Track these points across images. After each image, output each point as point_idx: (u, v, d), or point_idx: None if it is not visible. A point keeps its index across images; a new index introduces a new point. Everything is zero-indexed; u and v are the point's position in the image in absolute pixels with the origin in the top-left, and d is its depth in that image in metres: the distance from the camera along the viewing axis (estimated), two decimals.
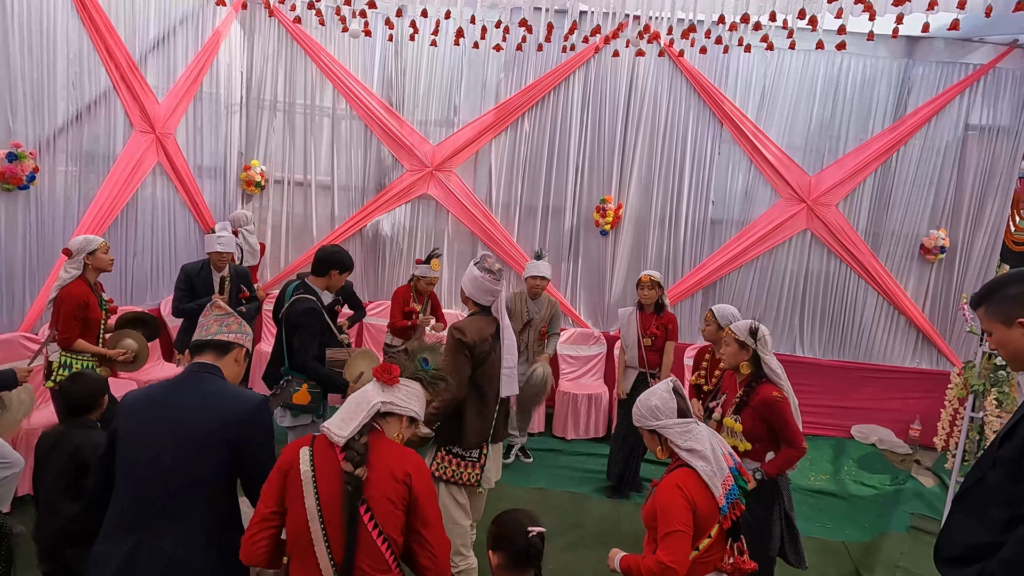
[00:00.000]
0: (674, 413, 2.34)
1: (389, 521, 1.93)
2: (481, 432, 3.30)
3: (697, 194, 6.48)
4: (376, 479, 1.94)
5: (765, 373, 3.20)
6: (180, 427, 2.03)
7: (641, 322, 4.87)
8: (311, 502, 1.91)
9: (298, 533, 1.92)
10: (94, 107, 4.92)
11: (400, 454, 2.04)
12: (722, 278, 6.56)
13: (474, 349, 3.17)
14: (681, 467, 2.31)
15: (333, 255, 3.80)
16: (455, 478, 3.27)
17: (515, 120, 6.44)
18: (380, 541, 1.91)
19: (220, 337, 2.19)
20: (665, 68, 6.29)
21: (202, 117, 6.05)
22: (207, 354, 2.19)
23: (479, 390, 3.23)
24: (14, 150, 4.15)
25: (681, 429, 2.32)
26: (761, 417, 3.13)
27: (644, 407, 2.37)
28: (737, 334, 3.24)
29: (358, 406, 2.03)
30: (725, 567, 2.29)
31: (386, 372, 2.10)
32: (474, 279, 3.24)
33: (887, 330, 6.59)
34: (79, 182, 4.85)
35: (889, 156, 6.32)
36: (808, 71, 6.26)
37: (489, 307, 3.32)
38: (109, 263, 3.97)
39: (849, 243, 6.40)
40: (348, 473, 1.91)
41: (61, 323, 3.78)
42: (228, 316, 2.23)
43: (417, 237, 6.69)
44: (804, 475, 5.68)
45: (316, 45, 6.41)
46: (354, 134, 6.60)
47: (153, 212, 5.62)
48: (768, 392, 3.13)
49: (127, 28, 5.08)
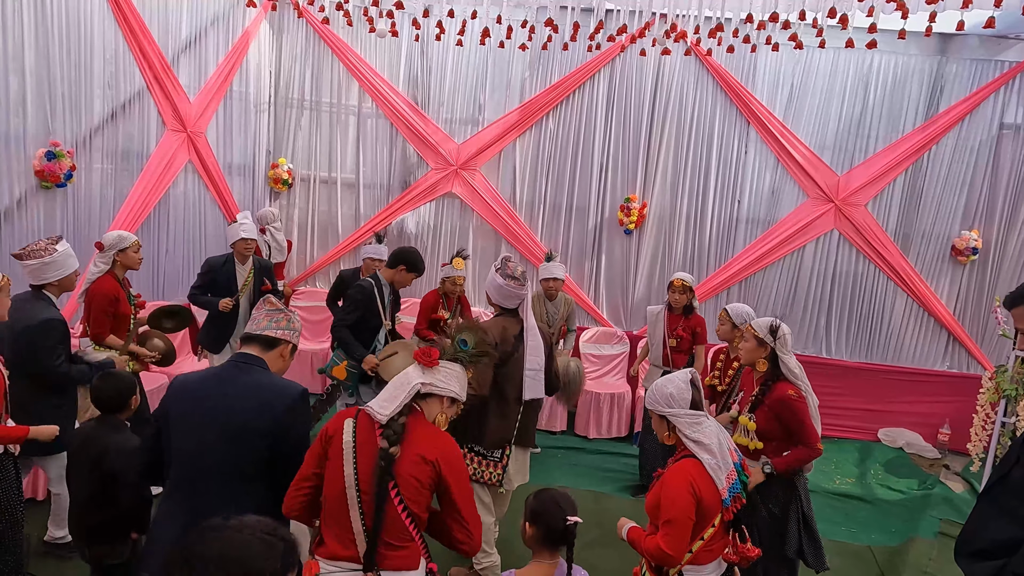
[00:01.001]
0: (687, 404, 2.40)
1: (414, 499, 2.04)
2: (502, 433, 3.31)
3: (723, 193, 6.43)
4: (407, 459, 2.04)
5: (782, 372, 3.16)
6: (225, 416, 2.12)
7: (668, 322, 4.86)
8: (349, 470, 2.02)
9: (335, 498, 2.04)
10: (128, 106, 5.04)
11: (433, 437, 2.12)
12: (747, 278, 6.51)
13: (497, 349, 3.18)
14: (687, 457, 2.38)
15: (406, 253, 4.19)
16: (476, 476, 3.30)
17: (540, 119, 6.45)
18: (404, 516, 2.02)
19: (268, 333, 2.26)
20: (691, 66, 6.25)
21: (232, 116, 6.16)
22: (253, 346, 2.26)
23: (500, 390, 3.24)
24: (53, 149, 4.28)
25: (691, 420, 2.39)
26: (776, 416, 3.09)
27: (660, 393, 2.44)
28: (757, 331, 3.21)
29: (399, 387, 2.12)
30: (729, 557, 2.36)
31: (425, 355, 2.18)
32: (499, 287, 3.26)
33: (916, 332, 6.48)
34: (114, 180, 4.97)
35: (920, 155, 6.21)
36: (838, 69, 6.18)
37: (515, 308, 3.34)
38: (138, 262, 4.06)
39: (878, 244, 6.30)
40: (383, 450, 2.01)
41: (92, 319, 3.87)
42: (278, 313, 2.30)
43: (442, 235, 6.73)
44: (829, 478, 5.62)
45: (343, 44, 6.48)
46: (380, 132, 6.66)
47: (184, 209, 5.73)
48: (784, 391, 3.08)
49: (160, 29, 5.19)
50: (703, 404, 2.46)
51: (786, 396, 3.07)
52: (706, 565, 2.34)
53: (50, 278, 3.32)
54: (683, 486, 2.26)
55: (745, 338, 3.28)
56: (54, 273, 3.32)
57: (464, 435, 3.29)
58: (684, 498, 2.25)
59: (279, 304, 2.34)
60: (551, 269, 5.16)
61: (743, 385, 3.44)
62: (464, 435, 3.29)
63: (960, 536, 1.92)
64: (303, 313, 6.72)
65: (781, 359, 3.16)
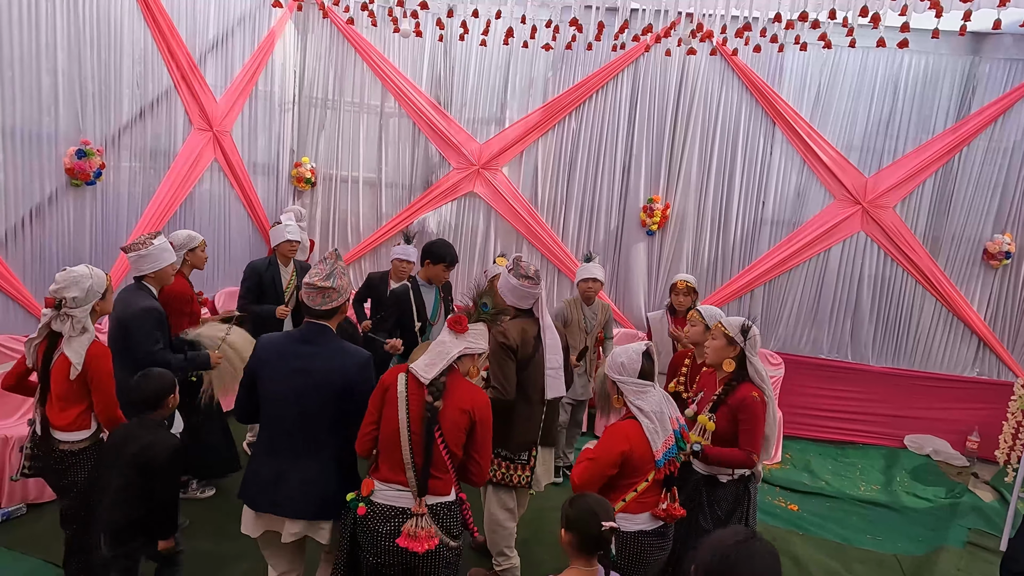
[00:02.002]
0: (636, 373, 2.69)
1: (454, 440, 2.53)
2: (528, 434, 3.30)
3: (748, 194, 6.35)
4: (449, 409, 2.51)
5: (749, 373, 3.09)
6: (308, 374, 2.56)
7: (673, 326, 4.75)
8: (402, 415, 2.49)
9: (389, 436, 2.51)
10: (156, 105, 5.09)
11: (469, 391, 2.60)
12: (771, 281, 6.42)
13: (518, 352, 3.17)
14: (631, 418, 2.69)
15: (427, 245, 4.30)
16: (505, 480, 3.28)
17: (563, 118, 6.42)
18: (445, 454, 2.51)
19: (326, 307, 2.64)
20: (717, 66, 6.19)
21: (256, 115, 6.22)
22: (320, 317, 2.66)
23: (523, 392, 3.23)
24: (83, 147, 4.34)
25: (637, 388, 2.69)
26: (735, 417, 3.03)
27: (613, 362, 2.74)
28: (727, 329, 3.12)
29: (439, 355, 2.56)
30: (658, 512, 2.65)
31: (457, 323, 2.63)
32: (513, 288, 3.23)
33: (945, 337, 6.35)
34: (141, 178, 5.03)
35: (951, 157, 6.07)
36: (867, 68, 6.07)
37: (530, 309, 3.31)
38: (204, 261, 4.22)
39: (906, 247, 6.18)
40: (428, 403, 2.47)
41: (171, 320, 3.93)
42: (327, 290, 2.61)
43: (463, 235, 6.73)
44: (854, 484, 5.54)
45: (367, 44, 6.50)
46: (402, 132, 6.68)
47: (210, 207, 5.79)
48: (748, 391, 3.02)
49: (188, 29, 5.24)
50: (655, 376, 2.73)
51: (749, 397, 3.00)
52: (638, 515, 2.63)
53: (146, 270, 3.51)
54: (615, 436, 2.62)
55: (714, 336, 3.19)
56: (149, 266, 3.50)
57: None
58: (612, 448, 2.59)
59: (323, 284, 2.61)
60: (590, 270, 4.87)
61: (702, 385, 3.34)
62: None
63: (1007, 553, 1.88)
64: None
65: (749, 360, 3.09)
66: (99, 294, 2.92)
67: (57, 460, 2.91)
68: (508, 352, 3.15)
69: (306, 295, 2.62)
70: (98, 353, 2.90)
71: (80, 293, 2.83)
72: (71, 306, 2.82)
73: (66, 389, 2.88)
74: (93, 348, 2.88)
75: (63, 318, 2.83)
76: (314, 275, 2.62)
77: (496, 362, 3.17)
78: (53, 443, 2.91)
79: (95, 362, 2.87)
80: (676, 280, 4.77)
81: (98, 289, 2.91)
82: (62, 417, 2.89)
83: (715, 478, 3.10)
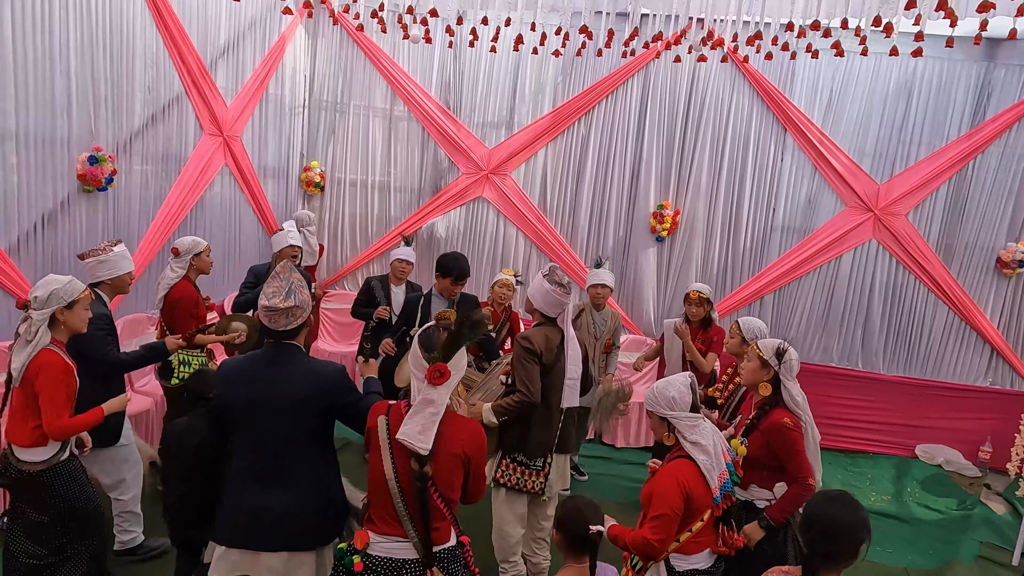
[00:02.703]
0: (688, 407, 2.55)
1: (449, 487, 2.30)
2: (545, 441, 3.32)
3: (758, 201, 6.31)
4: (441, 458, 2.25)
5: (784, 399, 2.97)
6: (284, 398, 2.38)
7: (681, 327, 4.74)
8: (388, 467, 2.26)
9: (379, 486, 2.31)
10: (167, 110, 5.12)
11: (459, 428, 2.32)
12: (781, 288, 6.38)
13: (542, 357, 3.19)
14: (682, 457, 2.53)
15: (439, 259, 4.27)
16: (519, 485, 3.29)
17: (572, 123, 6.41)
18: (441, 504, 2.27)
19: (291, 327, 2.44)
20: (727, 71, 6.15)
21: (267, 119, 6.24)
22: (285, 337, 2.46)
23: (544, 399, 3.24)
24: (95, 153, 4.37)
25: (690, 423, 2.54)
26: (767, 443, 2.91)
27: (662, 396, 2.56)
28: (762, 351, 3.02)
29: (429, 418, 2.22)
30: (719, 549, 2.57)
31: (439, 375, 2.24)
32: (545, 292, 3.25)
33: (958, 346, 6.29)
34: (152, 183, 5.06)
35: (965, 164, 6.01)
36: (879, 74, 6.02)
37: (555, 318, 3.33)
38: (210, 265, 4.25)
39: (919, 254, 6.12)
40: (416, 471, 2.21)
41: (178, 324, 4.02)
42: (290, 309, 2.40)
43: (471, 240, 6.73)
44: (864, 495, 5.49)
45: (377, 48, 6.52)
46: (411, 137, 6.69)
47: (222, 212, 5.82)
48: (779, 417, 2.89)
49: (199, 34, 5.26)
50: (700, 407, 2.60)
51: (780, 423, 2.87)
52: (693, 555, 2.53)
53: (102, 276, 3.45)
54: (674, 485, 2.44)
55: (748, 357, 3.10)
56: (107, 272, 3.44)
57: (505, 446, 3.29)
58: (673, 495, 2.43)
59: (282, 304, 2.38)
60: (600, 275, 4.92)
61: (744, 409, 3.28)
62: (505, 446, 3.29)
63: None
64: (333, 315, 6.79)
65: (784, 385, 2.97)
66: (63, 301, 2.76)
67: (22, 480, 2.79)
68: (532, 356, 3.19)
69: (268, 318, 2.39)
70: (45, 362, 2.73)
71: (42, 294, 2.72)
72: (33, 307, 2.72)
73: (19, 401, 2.75)
74: (40, 357, 2.73)
75: (26, 320, 2.73)
76: (271, 295, 2.38)
77: (521, 366, 3.19)
78: (12, 461, 2.78)
79: (41, 373, 2.71)
80: (689, 290, 4.75)
81: (63, 296, 2.75)
82: (16, 432, 2.76)
83: (752, 504, 3.01)
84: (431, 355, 2.27)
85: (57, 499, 2.82)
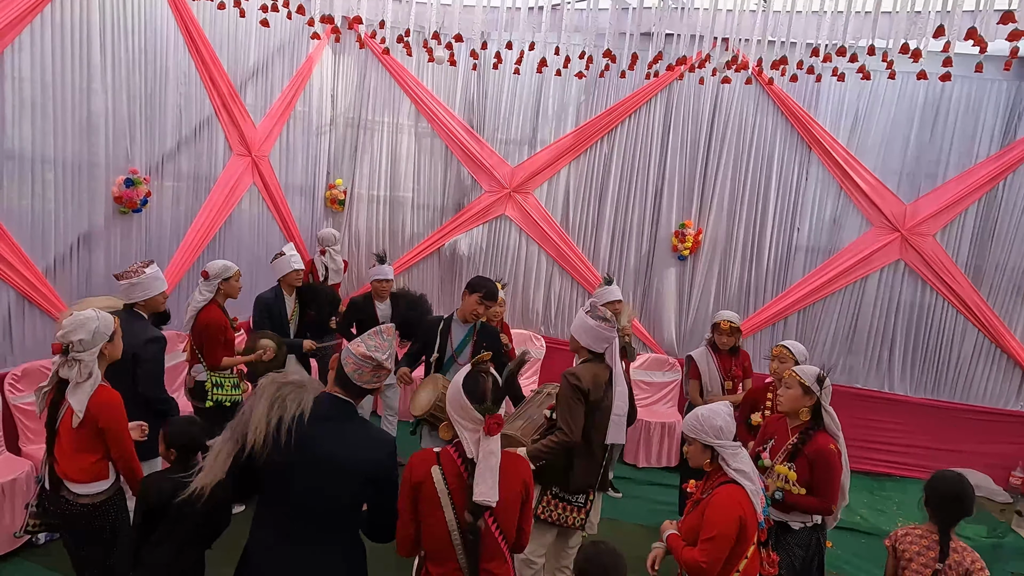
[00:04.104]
0: (732, 436, 2.57)
1: (509, 524, 2.26)
2: (588, 478, 3.29)
3: (782, 220, 6.27)
4: (502, 496, 2.17)
5: (825, 423, 3.09)
6: (334, 460, 2.17)
7: (721, 365, 4.74)
8: (450, 516, 2.18)
9: (438, 539, 2.20)
10: (198, 132, 5.24)
11: (514, 466, 2.29)
12: (805, 308, 6.32)
13: (589, 396, 3.15)
14: (728, 483, 2.52)
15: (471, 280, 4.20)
16: (560, 521, 3.27)
17: (595, 142, 6.43)
18: (501, 541, 2.24)
19: (371, 385, 2.26)
20: (751, 91, 6.13)
21: (294, 138, 6.35)
22: (351, 393, 2.26)
23: (587, 436, 3.20)
24: (131, 176, 4.48)
25: (734, 451, 2.55)
26: (811, 466, 3.03)
27: (708, 425, 2.55)
28: (803, 378, 3.09)
29: (492, 469, 2.16)
30: (767, 572, 2.61)
31: (496, 426, 2.19)
32: (590, 329, 3.22)
33: (988, 369, 6.16)
34: (183, 203, 5.18)
35: (995, 184, 5.91)
36: (906, 94, 5.95)
37: (603, 354, 3.29)
38: (238, 290, 4.29)
39: (947, 276, 6.03)
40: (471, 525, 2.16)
41: (207, 349, 4.11)
42: (384, 370, 2.26)
43: (494, 258, 6.76)
44: (891, 520, 5.39)
45: (401, 69, 6.60)
46: (435, 155, 6.75)
47: (249, 230, 5.93)
48: (826, 443, 3.04)
49: (229, 57, 5.39)
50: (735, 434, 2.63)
51: (827, 449, 3.01)
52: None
53: (136, 298, 3.52)
54: (732, 509, 2.44)
55: (788, 385, 3.15)
56: (140, 293, 3.52)
57: (548, 479, 3.25)
58: (731, 520, 2.42)
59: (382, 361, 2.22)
60: (613, 292, 4.91)
61: (772, 432, 3.31)
62: (548, 479, 3.25)
63: None
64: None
65: (824, 409, 3.09)
66: (106, 336, 2.79)
67: (74, 515, 2.80)
68: (579, 395, 3.13)
69: (355, 367, 2.20)
70: (107, 400, 2.75)
71: (87, 336, 2.70)
72: (78, 350, 2.70)
73: (75, 438, 2.75)
74: (100, 395, 2.74)
75: (71, 363, 2.71)
76: (374, 348, 2.22)
77: (565, 404, 3.13)
78: (67, 496, 2.78)
79: (105, 411, 2.73)
80: (719, 320, 4.74)
81: (104, 331, 2.77)
82: (74, 469, 2.76)
83: (787, 524, 3.12)
84: (484, 407, 2.20)
85: (108, 527, 2.85)
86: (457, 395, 2.23)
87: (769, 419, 3.47)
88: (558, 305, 6.73)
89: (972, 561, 2.66)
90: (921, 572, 2.67)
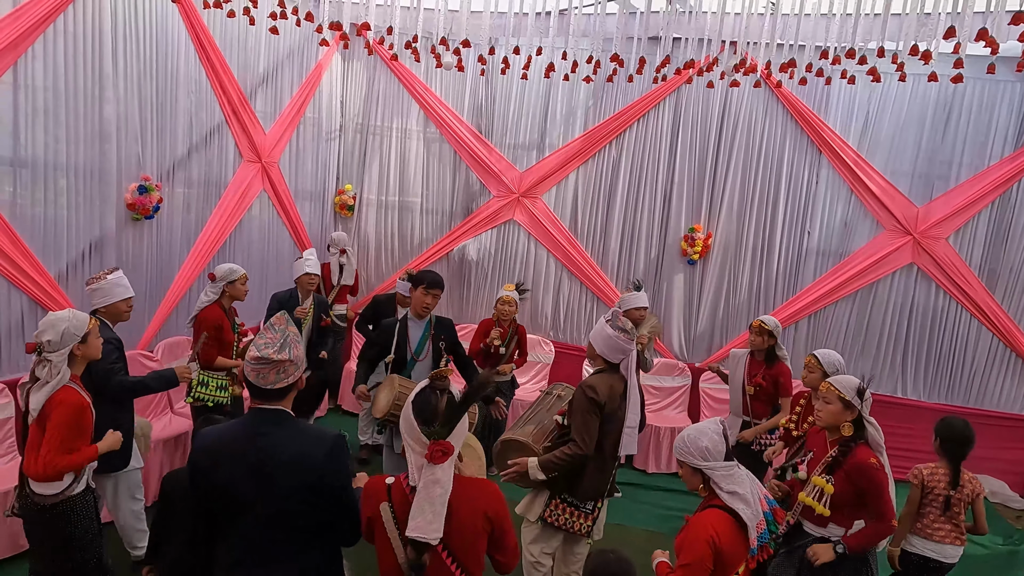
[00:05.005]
0: (722, 456, 2.43)
1: (470, 559, 2.08)
2: (598, 486, 3.28)
3: (792, 224, 6.22)
4: (458, 533, 2.04)
5: (867, 437, 2.94)
6: (272, 472, 2.04)
7: (749, 368, 4.60)
8: (401, 556, 2.05)
9: (392, 572, 2.09)
10: (209, 139, 5.28)
11: (475, 494, 2.10)
12: (816, 312, 6.27)
13: (604, 408, 3.14)
14: (714, 507, 2.40)
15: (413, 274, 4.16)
16: (567, 526, 3.26)
17: (603, 147, 6.42)
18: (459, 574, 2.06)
19: (280, 385, 2.11)
20: (760, 94, 6.10)
21: (304, 144, 6.39)
22: (272, 400, 2.13)
23: (599, 446, 3.19)
24: (144, 183, 4.53)
25: (726, 472, 2.42)
26: (852, 482, 2.88)
27: (693, 446, 2.44)
28: (844, 392, 2.94)
29: (437, 501, 1.99)
30: None
31: (440, 454, 2.02)
32: (607, 337, 3.20)
33: (1003, 374, 6.08)
34: (193, 209, 5.22)
35: (1009, 186, 5.84)
36: (917, 95, 5.89)
37: (618, 364, 3.26)
38: (244, 293, 4.37)
39: (960, 279, 5.96)
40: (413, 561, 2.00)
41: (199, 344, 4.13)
42: (282, 363, 2.10)
43: (503, 262, 6.77)
44: None
45: (410, 74, 6.63)
46: (444, 160, 6.77)
47: (260, 236, 5.96)
48: (866, 457, 2.87)
49: (239, 64, 5.43)
50: (732, 453, 2.49)
51: (868, 464, 2.86)
52: None
53: (96, 304, 3.48)
54: (703, 537, 2.32)
55: (827, 399, 3.00)
56: (100, 300, 3.47)
57: (558, 486, 3.25)
58: (702, 548, 2.30)
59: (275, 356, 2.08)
60: (641, 298, 4.92)
61: (811, 445, 3.24)
62: (558, 486, 3.25)
63: None
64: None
65: (867, 421, 2.95)
66: (76, 337, 2.77)
67: (33, 511, 2.81)
68: (595, 407, 3.11)
69: (254, 372, 2.06)
70: (62, 399, 2.73)
71: (54, 336, 2.71)
72: (48, 350, 2.71)
73: (33, 435, 2.75)
74: (59, 393, 2.73)
75: (43, 363, 2.73)
76: (263, 346, 2.07)
77: (581, 417, 3.11)
78: (28, 493, 2.80)
79: (57, 408, 2.71)
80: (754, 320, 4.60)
81: (75, 332, 2.76)
82: (32, 466, 2.75)
83: (828, 540, 2.98)
84: (431, 430, 2.03)
85: (67, 528, 2.84)
86: (407, 412, 2.09)
87: (810, 432, 3.38)
88: (567, 310, 6.71)
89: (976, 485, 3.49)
90: (940, 497, 3.43)
